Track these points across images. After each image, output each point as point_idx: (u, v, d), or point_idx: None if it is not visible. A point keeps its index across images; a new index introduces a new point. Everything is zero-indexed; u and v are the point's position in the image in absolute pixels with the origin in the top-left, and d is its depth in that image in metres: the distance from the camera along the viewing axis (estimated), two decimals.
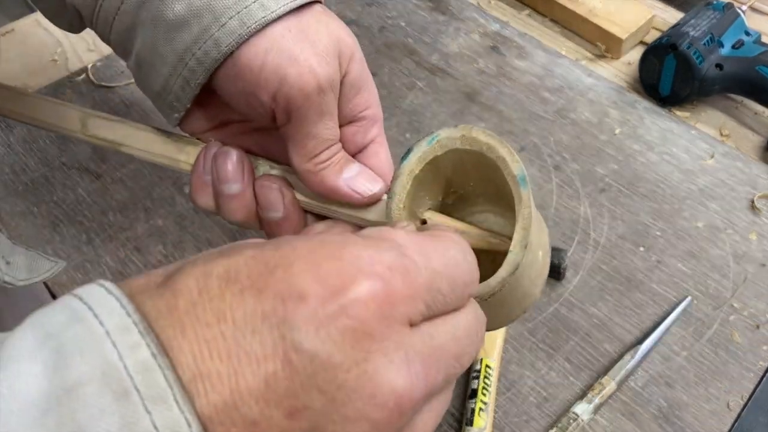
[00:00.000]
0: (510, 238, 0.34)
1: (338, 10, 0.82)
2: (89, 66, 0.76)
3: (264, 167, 0.41)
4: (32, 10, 0.81)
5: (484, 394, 0.50)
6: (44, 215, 0.64)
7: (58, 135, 0.45)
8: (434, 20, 0.81)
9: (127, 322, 0.21)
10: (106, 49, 0.77)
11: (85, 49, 0.78)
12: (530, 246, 0.33)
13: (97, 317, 0.21)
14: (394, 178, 0.37)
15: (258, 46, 0.35)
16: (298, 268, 0.22)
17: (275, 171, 0.41)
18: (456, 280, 0.25)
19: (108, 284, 0.22)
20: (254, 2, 0.34)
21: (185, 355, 0.21)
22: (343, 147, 0.39)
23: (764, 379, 0.53)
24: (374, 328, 0.21)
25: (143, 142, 0.43)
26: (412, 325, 0.23)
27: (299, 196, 0.40)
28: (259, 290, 0.21)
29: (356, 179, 0.38)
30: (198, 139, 0.42)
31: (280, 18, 0.35)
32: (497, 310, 0.35)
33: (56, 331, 0.21)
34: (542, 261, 0.36)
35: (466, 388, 0.52)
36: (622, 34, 0.76)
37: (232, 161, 0.39)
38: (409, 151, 0.36)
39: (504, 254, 0.34)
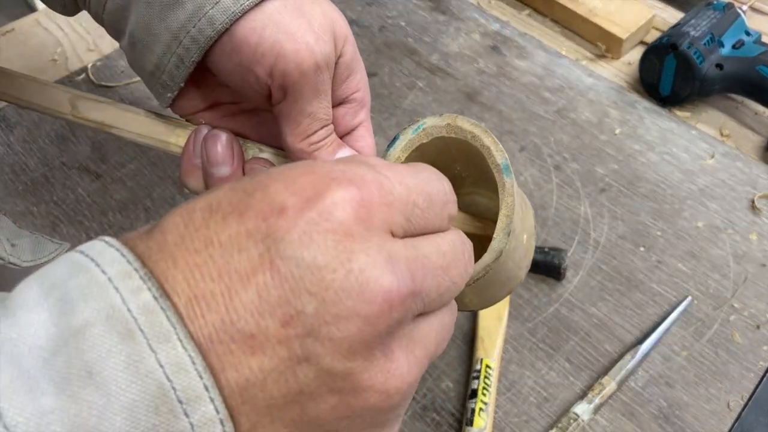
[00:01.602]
0: (494, 221, 0.35)
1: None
2: (89, 66, 0.76)
3: (253, 150, 0.41)
4: (32, 10, 0.81)
5: (484, 394, 0.50)
6: (44, 215, 0.64)
7: (46, 115, 0.45)
8: (434, 20, 0.81)
9: (128, 269, 0.22)
10: (106, 49, 0.77)
11: (85, 49, 0.78)
12: (513, 233, 0.34)
13: (99, 266, 0.22)
14: None
15: (254, 21, 0.35)
16: (275, 188, 0.23)
17: (264, 154, 0.41)
18: (432, 196, 0.26)
19: (107, 238, 0.23)
20: None
21: (179, 283, 0.22)
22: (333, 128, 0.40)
23: (764, 379, 0.52)
24: (353, 229, 0.22)
25: (133, 124, 0.43)
26: (394, 235, 0.24)
27: None
28: (240, 213, 0.22)
29: None
30: (188, 120, 0.42)
31: None
32: (483, 293, 0.36)
33: (60, 281, 0.22)
34: (527, 244, 0.37)
35: (466, 388, 0.52)
36: (622, 34, 0.76)
37: (222, 144, 0.39)
38: (395, 139, 0.37)
39: (489, 238, 0.35)
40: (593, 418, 0.51)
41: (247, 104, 0.42)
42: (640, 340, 0.54)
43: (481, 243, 0.36)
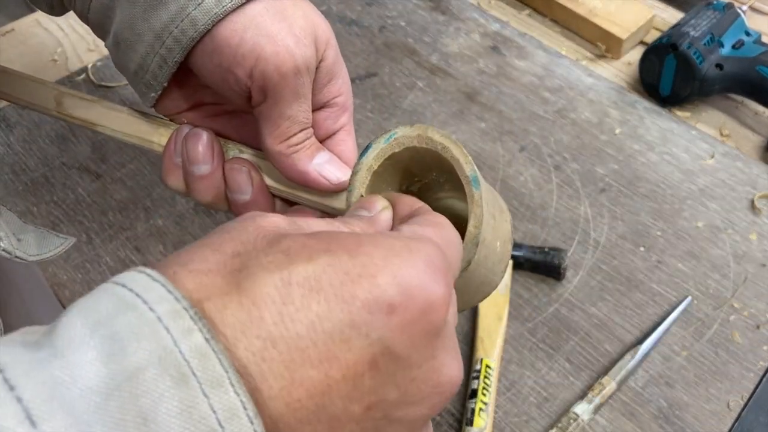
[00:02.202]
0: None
1: (338, 9, 0.82)
2: (89, 66, 0.76)
3: (234, 150, 0.42)
4: (32, 11, 0.81)
5: (484, 394, 0.50)
6: (44, 215, 0.64)
7: (31, 110, 0.45)
8: (434, 20, 0.81)
9: (177, 308, 0.21)
10: (106, 50, 0.77)
11: (85, 49, 0.78)
12: (483, 242, 0.35)
13: (146, 303, 0.21)
14: (354, 173, 0.38)
15: (236, 23, 0.35)
16: (383, 281, 0.23)
17: (245, 155, 0.42)
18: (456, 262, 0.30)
19: (149, 271, 0.22)
20: None
21: (276, 365, 0.22)
22: (314, 132, 0.40)
23: (764, 379, 0.52)
24: (441, 328, 0.24)
25: (118, 122, 0.43)
26: None
27: (267, 181, 0.41)
28: (345, 301, 0.23)
29: (326, 166, 0.39)
30: (172, 120, 0.43)
31: None
32: (457, 298, 0.37)
33: (105, 318, 0.21)
34: (501, 250, 0.38)
35: (466, 388, 0.52)
36: (622, 34, 0.76)
37: (202, 143, 0.40)
38: (367, 148, 0.37)
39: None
40: (593, 418, 0.51)
41: (229, 105, 0.42)
42: (640, 340, 0.54)
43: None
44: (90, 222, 0.63)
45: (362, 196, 0.38)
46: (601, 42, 0.78)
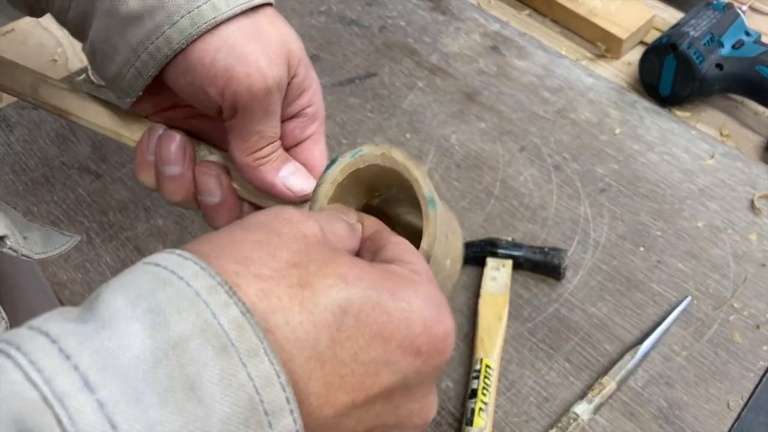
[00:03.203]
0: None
1: (338, 9, 0.82)
2: (89, 66, 0.76)
3: (204, 152, 0.43)
4: None
5: (484, 394, 0.50)
6: (44, 215, 0.64)
7: (7, 94, 0.46)
8: (434, 20, 0.81)
9: (212, 283, 0.23)
10: None
11: None
12: (434, 260, 0.37)
13: (182, 279, 0.23)
14: (318, 185, 0.39)
15: (209, 44, 0.36)
16: (417, 329, 0.27)
17: (214, 157, 0.43)
18: None
19: (178, 251, 0.24)
20: (205, 3, 0.36)
21: (319, 385, 0.24)
22: (282, 140, 0.41)
23: (764, 379, 0.53)
24: (443, 369, 0.29)
25: (91, 113, 0.44)
26: None
27: (236, 185, 0.43)
28: (384, 339, 0.26)
29: (291, 178, 0.41)
30: (146, 118, 0.44)
31: (232, 18, 0.36)
32: None
33: (147, 293, 0.22)
34: (450, 268, 0.40)
35: (466, 388, 0.52)
36: (622, 34, 0.76)
37: (175, 145, 0.41)
38: (333, 162, 0.39)
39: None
40: (593, 417, 0.51)
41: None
42: (640, 340, 0.54)
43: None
44: (90, 222, 0.63)
45: (323, 207, 0.39)
46: (601, 42, 0.78)
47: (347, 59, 0.77)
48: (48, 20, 0.81)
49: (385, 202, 0.43)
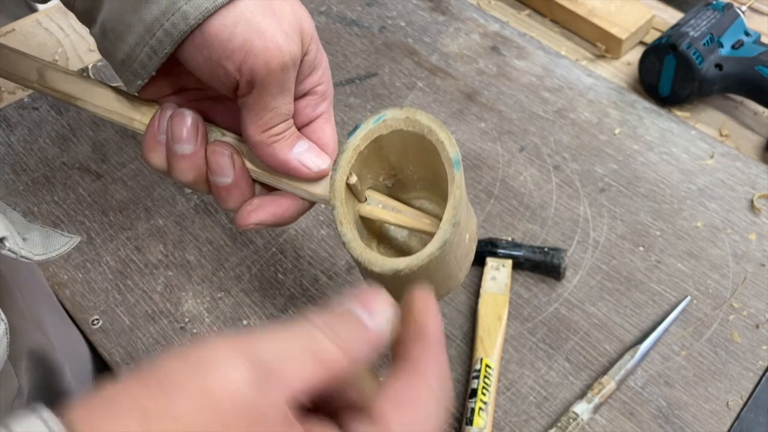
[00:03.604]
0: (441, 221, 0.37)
1: (339, 10, 0.82)
2: (89, 66, 0.76)
3: (216, 134, 0.42)
4: (33, 11, 0.81)
5: (483, 394, 0.50)
6: (45, 215, 0.64)
7: (13, 82, 0.45)
8: (434, 20, 0.81)
9: None
10: None
11: (86, 49, 0.78)
12: (458, 225, 0.36)
13: None
14: (340, 152, 0.39)
15: (226, 18, 0.35)
16: None
17: (227, 138, 0.42)
18: None
19: (45, 414, 0.21)
20: None
21: None
22: (294, 119, 0.41)
23: (764, 378, 0.53)
24: None
25: (99, 98, 0.43)
26: None
27: (249, 165, 0.42)
28: None
29: (305, 154, 0.40)
30: (155, 102, 0.43)
31: None
32: (414, 282, 0.37)
33: None
34: (468, 244, 0.39)
35: (466, 388, 0.52)
36: (621, 35, 0.76)
37: (187, 123, 0.40)
38: (356, 128, 0.39)
39: (433, 235, 0.37)
40: (593, 417, 0.51)
41: (212, 91, 0.43)
42: (640, 340, 0.54)
43: (424, 241, 0.38)
44: (90, 222, 0.63)
45: (350, 175, 0.39)
46: (600, 42, 0.78)
47: (347, 59, 0.77)
48: (48, 20, 0.81)
49: (399, 183, 0.42)
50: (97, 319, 0.57)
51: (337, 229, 0.38)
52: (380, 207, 0.41)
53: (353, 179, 0.39)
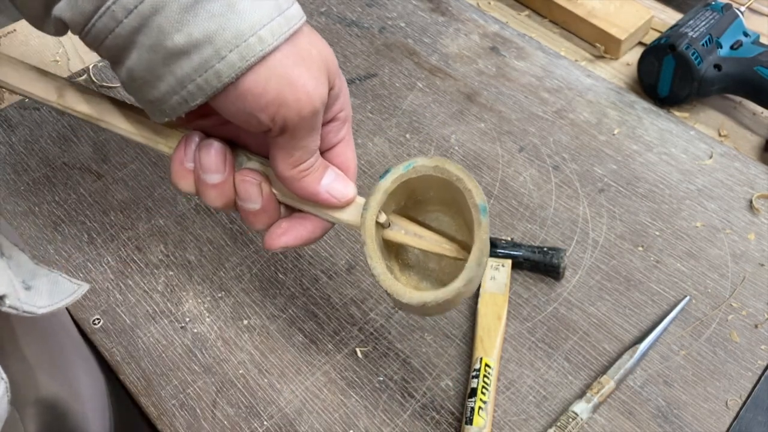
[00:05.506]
0: (458, 242, 0.41)
1: (339, 10, 0.82)
2: (90, 66, 0.76)
3: (241, 158, 0.43)
4: None
5: (483, 393, 0.50)
6: (46, 215, 0.64)
7: (32, 100, 0.44)
8: (434, 21, 0.82)
9: None
10: None
11: (87, 49, 0.78)
12: (482, 266, 0.39)
13: None
14: (371, 194, 0.41)
15: (258, 74, 0.36)
16: None
17: (253, 164, 0.43)
18: None
19: None
20: (252, 36, 0.35)
21: None
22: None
23: (762, 378, 0.53)
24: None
25: (122, 120, 0.43)
26: None
27: (276, 191, 0.43)
28: None
29: (333, 185, 0.42)
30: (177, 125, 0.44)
31: (277, 47, 0.37)
32: (440, 309, 0.41)
33: None
34: (482, 272, 0.42)
35: (465, 387, 0.52)
36: (620, 35, 0.76)
37: (215, 153, 0.41)
38: (386, 172, 0.41)
39: (451, 259, 0.41)
40: (592, 416, 0.51)
41: None
42: (639, 340, 0.54)
43: (440, 261, 0.44)
44: (91, 222, 0.64)
45: (379, 214, 0.41)
46: (599, 43, 0.78)
47: (347, 60, 0.77)
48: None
49: (417, 201, 0.44)
50: (98, 319, 0.57)
51: (368, 263, 0.41)
52: (403, 233, 0.43)
53: (382, 218, 0.42)
